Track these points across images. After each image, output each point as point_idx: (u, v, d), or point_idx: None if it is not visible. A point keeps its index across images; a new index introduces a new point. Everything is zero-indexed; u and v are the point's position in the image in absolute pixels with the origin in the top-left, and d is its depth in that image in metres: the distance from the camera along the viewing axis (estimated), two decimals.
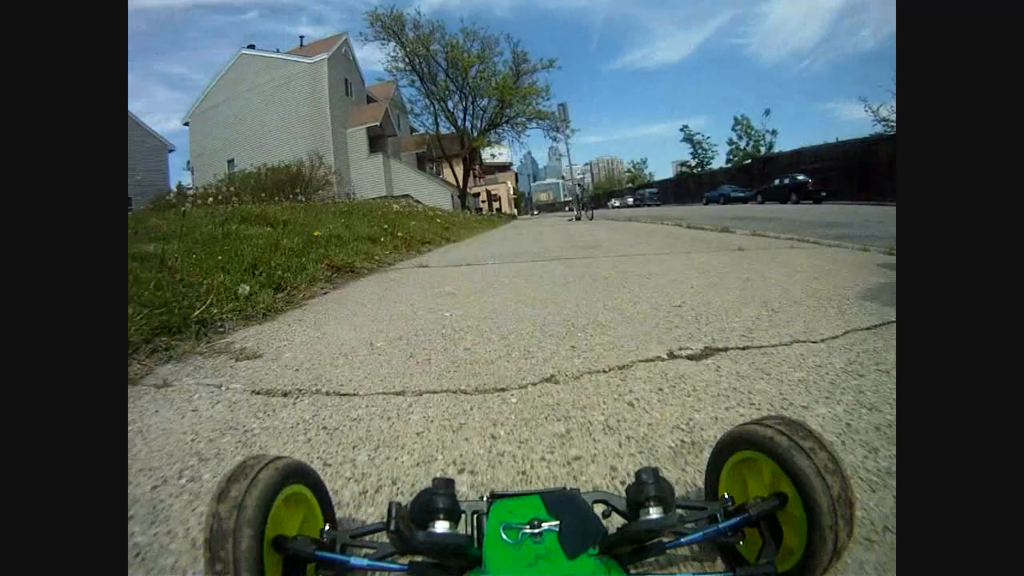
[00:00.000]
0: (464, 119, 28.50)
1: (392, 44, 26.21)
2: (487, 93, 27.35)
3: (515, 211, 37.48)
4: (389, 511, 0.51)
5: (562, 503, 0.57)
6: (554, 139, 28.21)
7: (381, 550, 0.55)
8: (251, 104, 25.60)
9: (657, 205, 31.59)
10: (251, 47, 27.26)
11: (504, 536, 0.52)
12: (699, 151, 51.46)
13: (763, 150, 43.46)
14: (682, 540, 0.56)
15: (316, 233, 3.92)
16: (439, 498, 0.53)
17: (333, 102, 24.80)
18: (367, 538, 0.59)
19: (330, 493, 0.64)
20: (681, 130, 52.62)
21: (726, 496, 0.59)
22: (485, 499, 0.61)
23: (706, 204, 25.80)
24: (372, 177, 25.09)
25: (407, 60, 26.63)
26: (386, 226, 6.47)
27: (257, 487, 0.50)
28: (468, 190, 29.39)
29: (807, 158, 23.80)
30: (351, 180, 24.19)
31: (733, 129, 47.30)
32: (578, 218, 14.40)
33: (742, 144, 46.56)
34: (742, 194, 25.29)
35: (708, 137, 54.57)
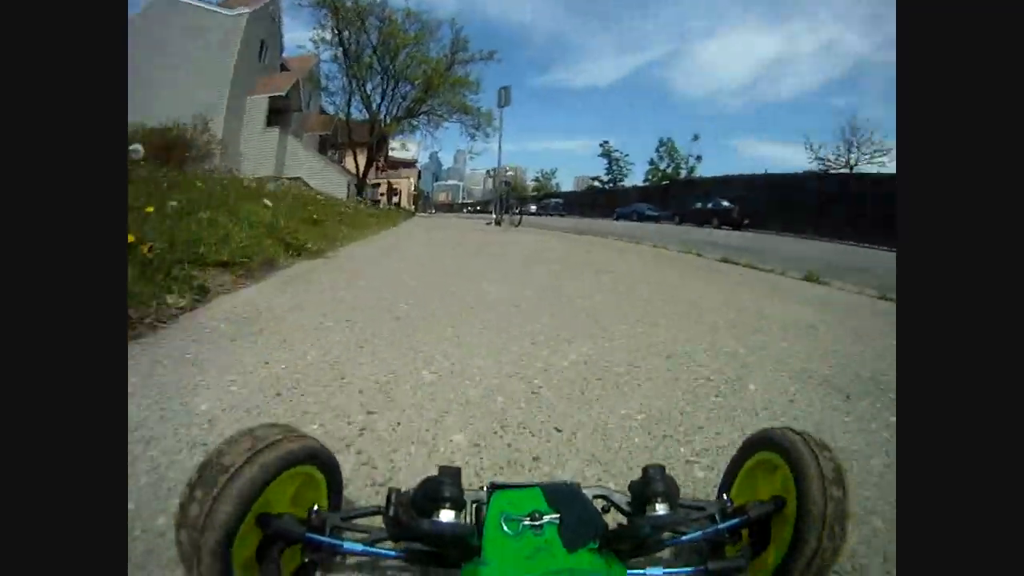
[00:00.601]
0: (380, 104, 25.66)
1: (324, 11, 22.86)
2: (414, 78, 24.77)
3: (413, 207, 34.57)
4: (388, 497, 0.51)
5: (562, 496, 0.56)
6: (472, 136, 25.59)
7: (373, 535, 0.53)
8: (152, 56, 20.43)
9: (561, 216, 29.96)
10: None
11: (504, 527, 0.51)
12: (614, 168, 49.72)
13: (683, 174, 42.22)
14: (682, 539, 0.56)
15: None
16: (445, 487, 0.51)
17: (240, 63, 21.11)
18: (359, 523, 0.56)
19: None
20: (601, 145, 50.72)
21: (725, 497, 0.60)
22: (485, 489, 0.59)
23: (616, 220, 24.87)
24: (263, 153, 21.73)
25: (336, 30, 23.42)
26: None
27: (256, 460, 0.46)
28: (368, 180, 26.54)
29: (737, 186, 24.11)
30: (240, 153, 20.79)
31: (656, 150, 45.19)
32: (498, 223, 11.12)
33: (662, 165, 44.77)
34: (656, 213, 25.17)
35: (627, 155, 52.52)
